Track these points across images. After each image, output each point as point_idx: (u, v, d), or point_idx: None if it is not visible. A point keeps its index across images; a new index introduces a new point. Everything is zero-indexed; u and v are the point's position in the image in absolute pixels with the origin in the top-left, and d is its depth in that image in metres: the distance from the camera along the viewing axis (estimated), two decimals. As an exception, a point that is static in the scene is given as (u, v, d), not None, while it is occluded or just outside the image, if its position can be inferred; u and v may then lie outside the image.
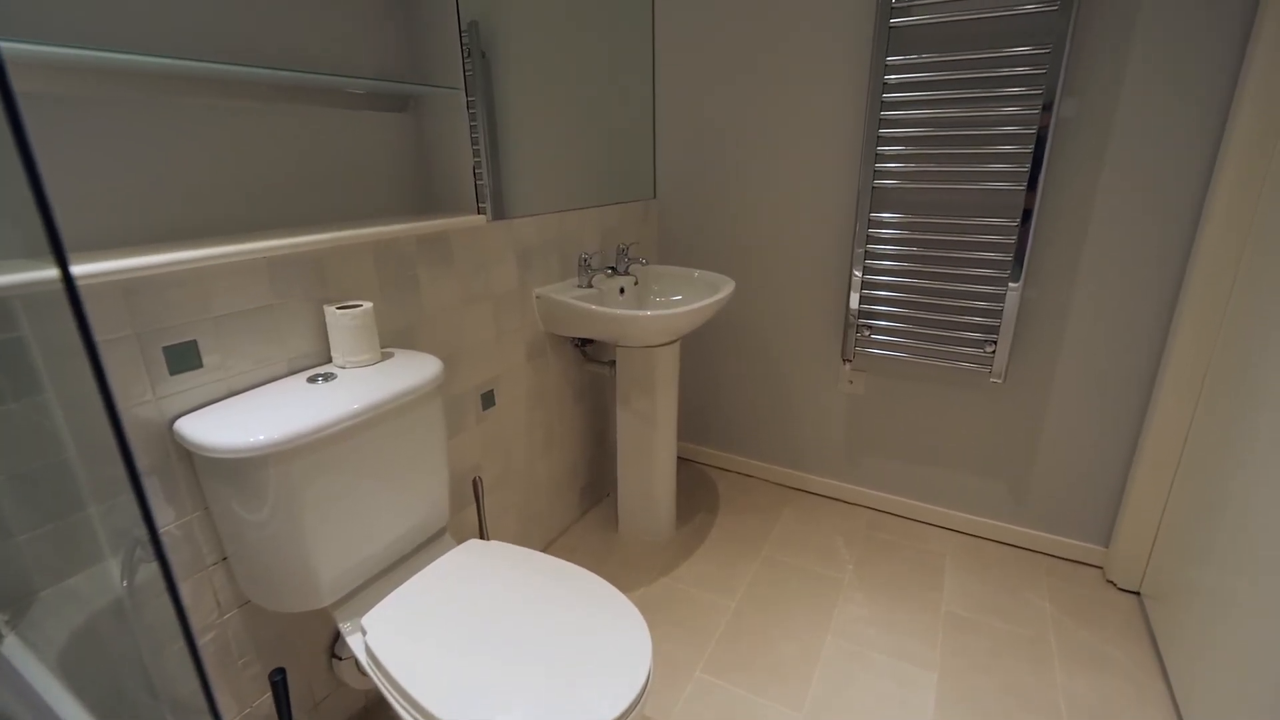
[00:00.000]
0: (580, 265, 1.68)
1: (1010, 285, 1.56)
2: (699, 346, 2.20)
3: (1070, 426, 1.68)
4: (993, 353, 1.65)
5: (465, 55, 1.25)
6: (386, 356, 1.13)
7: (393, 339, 1.24)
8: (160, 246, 0.89)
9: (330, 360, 1.11)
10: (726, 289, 1.61)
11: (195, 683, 0.55)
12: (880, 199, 1.73)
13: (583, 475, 1.98)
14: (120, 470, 0.47)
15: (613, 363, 1.79)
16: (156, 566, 0.86)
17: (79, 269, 0.75)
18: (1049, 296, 1.61)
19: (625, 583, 1.70)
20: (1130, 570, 1.63)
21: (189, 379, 0.91)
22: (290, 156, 1.09)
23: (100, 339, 0.81)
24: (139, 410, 0.86)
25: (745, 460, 2.24)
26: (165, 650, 0.93)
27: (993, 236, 1.59)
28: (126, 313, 0.83)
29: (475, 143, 1.32)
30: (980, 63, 1.51)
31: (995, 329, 1.64)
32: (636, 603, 1.63)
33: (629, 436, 1.77)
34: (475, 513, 1.53)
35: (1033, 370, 1.68)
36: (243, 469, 0.86)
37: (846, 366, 1.93)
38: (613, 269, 1.78)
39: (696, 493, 2.14)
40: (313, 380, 1.02)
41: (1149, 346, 1.54)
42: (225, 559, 0.99)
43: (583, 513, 2.02)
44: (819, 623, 1.55)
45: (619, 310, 1.48)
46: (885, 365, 1.88)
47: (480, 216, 1.33)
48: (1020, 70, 1.45)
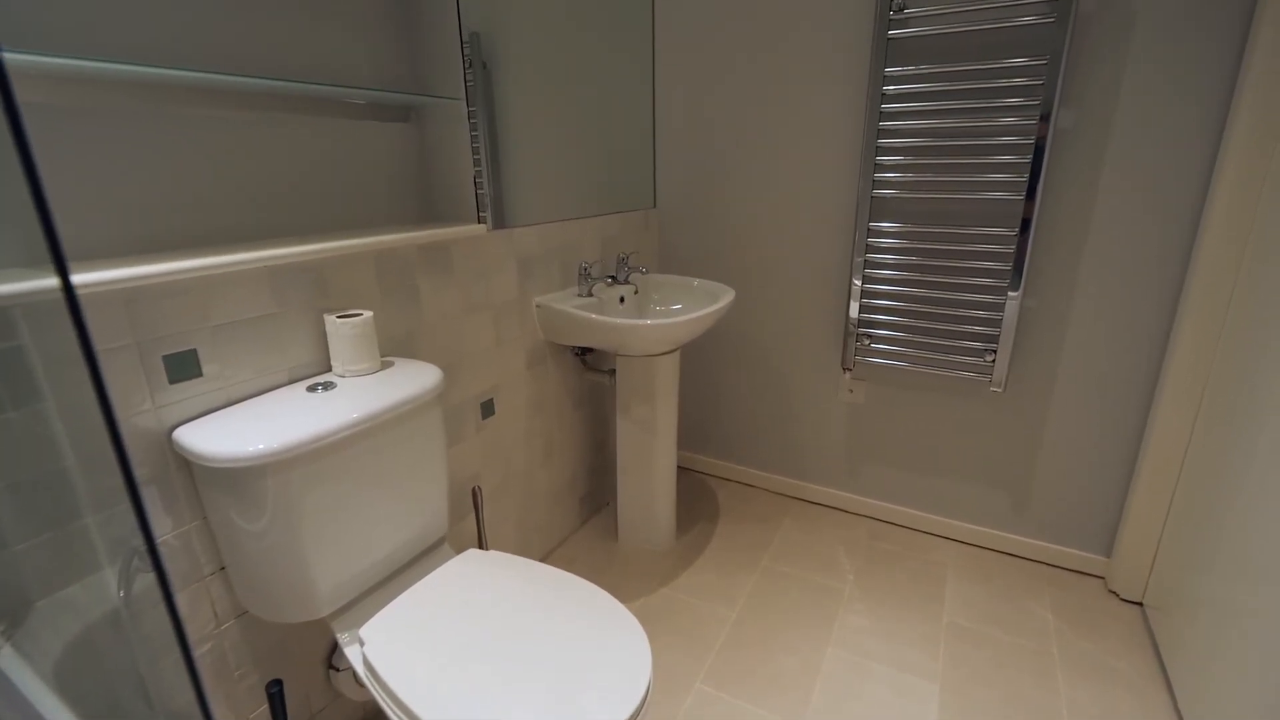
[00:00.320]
0: (580, 274, 1.69)
1: (1010, 294, 1.57)
2: (699, 355, 2.20)
3: (1071, 436, 1.68)
4: (993, 362, 1.65)
5: (467, 66, 1.26)
6: (386, 365, 1.13)
7: (393, 348, 1.24)
8: (161, 255, 0.89)
9: (330, 369, 1.11)
10: (726, 298, 1.61)
11: (191, 694, 0.54)
12: (879, 208, 1.73)
13: (582, 484, 1.98)
14: (118, 480, 0.47)
15: (613, 371, 1.79)
16: (153, 576, 0.86)
17: (79, 278, 0.75)
18: (1048, 305, 1.61)
19: (625, 593, 1.69)
20: (1132, 580, 1.62)
21: (188, 388, 0.91)
22: (292, 166, 1.10)
23: (100, 348, 0.81)
24: (138, 419, 0.86)
25: (745, 469, 2.24)
26: (162, 661, 0.92)
27: (992, 246, 1.60)
28: (126, 321, 0.83)
29: (476, 152, 1.32)
30: (978, 74, 1.52)
31: (995, 338, 1.64)
32: (636, 613, 1.62)
33: (629, 445, 1.76)
34: (474, 522, 1.53)
35: (1033, 379, 1.68)
36: (241, 478, 0.86)
37: (846, 375, 1.93)
38: (613, 278, 1.78)
39: (696, 502, 2.14)
40: (312, 389, 1.01)
41: (1149, 355, 1.54)
42: (223, 569, 0.99)
43: (582, 522, 2.01)
44: (820, 633, 1.54)
45: (619, 319, 1.49)
46: (885, 374, 1.88)
47: (481, 226, 1.33)
48: (1018, 81, 1.46)
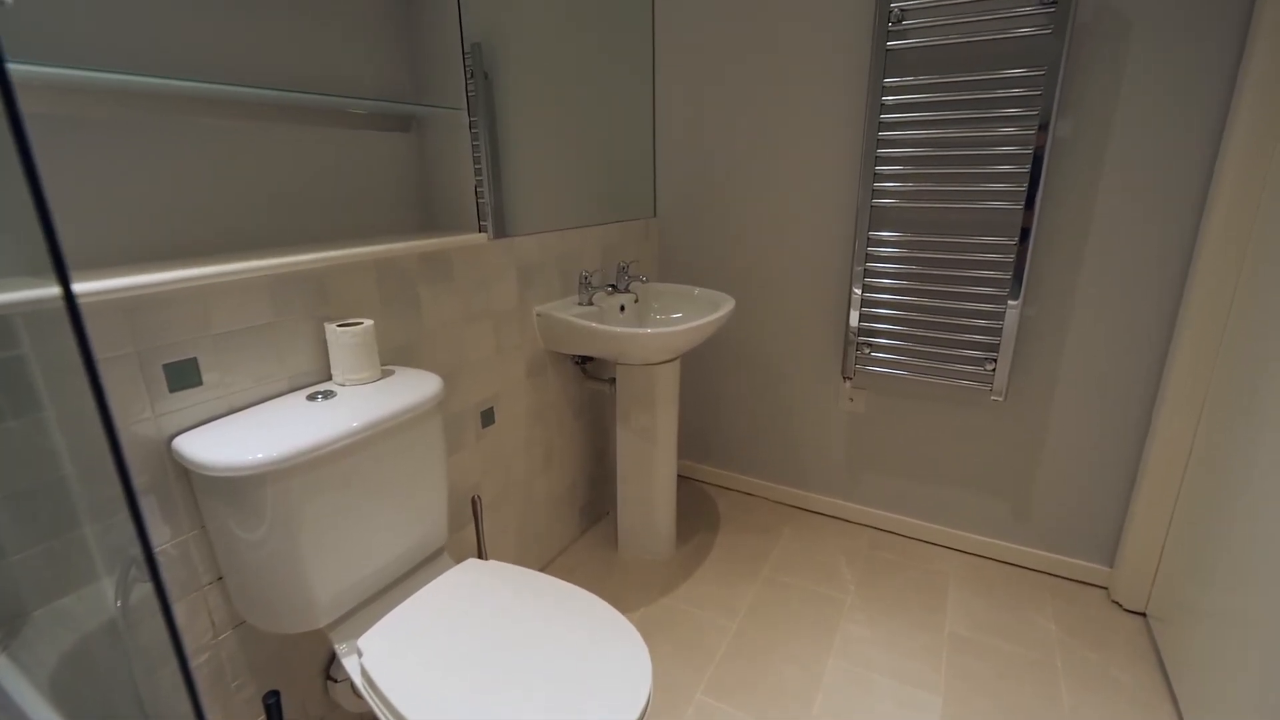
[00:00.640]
0: (581, 283, 1.69)
1: (1010, 303, 1.57)
2: (699, 364, 2.20)
3: (1072, 444, 1.68)
4: (993, 370, 1.65)
5: (468, 76, 1.27)
6: (387, 374, 1.13)
7: (393, 356, 1.24)
8: (162, 264, 0.90)
9: (330, 378, 1.11)
10: (726, 307, 1.61)
11: (188, 705, 0.54)
12: (879, 217, 1.74)
13: (582, 494, 1.97)
14: (117, 489, 0.46)
15: (613, 380, 1.79)
16: (151, 586, 0.85)
17: (80, 286, 0.75)
18: (1049, 314, 1.62)
19: (625, 603, 1.68)
20: (1135, 591, 1.62)
21: (188, 396, 0.91)
22: (294, 176, 1.10)
23: (100, 356, 0.81)
24: (137, 428, 0.86)
25: (746, 478, 2.23)
26: (158, 672, 0.92)
27: (991, 255, 1.60)
28: (127, 330, 0.83)
29: (477, 162, 1.33)
30: (976, 84, 1.53)
31: (995, 347, 1.64)
32: (636, 623, 1.61)
33: (629, 454, 1.76)
34: (474, 531, 1.52)
35: (1033, 388, 1.68)
36: (240, 487, 0.86)
37: (847, 384, 1.93)
38: (613, 286, 1.79)
39: (697, 511, 2.13)
40: (312, 398, 1.01)
41: (1150, 363, 1.54)
42: (221, 579, 0.98)
43: (582, 531, 2.01)
44: (821, 644, 1.53)
45: (619, 328, 1.49)
46: (886, 383, 1.88)
47: (481, 235, 1.34)
48: (1016, 91, 1.47)
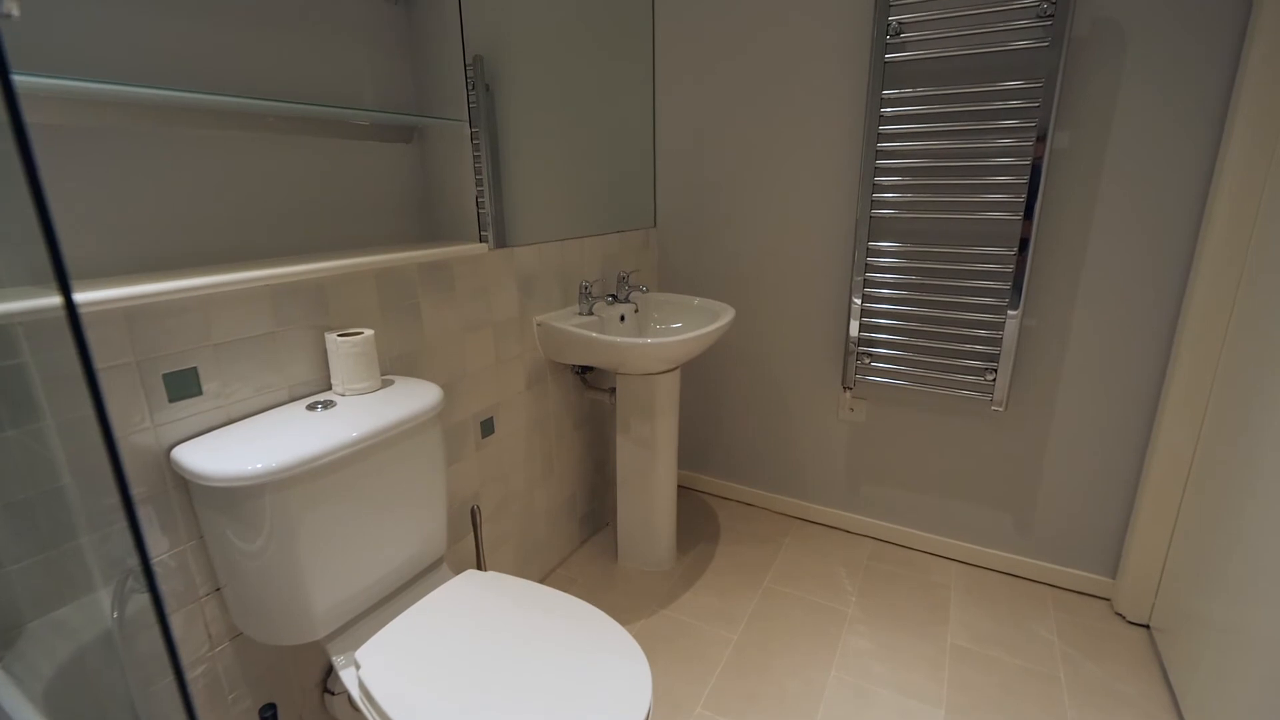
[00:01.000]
0: (581, 293, 1.69)
1: (1009, 313, 1.57)
2: (699, 374, 2.20)
3: (1073, 455, 1.67)
4: (993, 381, 1.64)
5: (470, 88, 1.27)
6: (387, 384, 1.13)
7: (393, 366, 1.24)
8: (164, 274, 0.90)
9: (330, 387, 1.10)
10: (726, 317, 1.61)
11: (184, 718, 0.53)
12: (878, 228, 1.74)
13: (582, 504, 1.96)
14: (115, 498, 0.46)
15: (613, 390, 1.79)
16: (148, 597, 0.85)
17: (81, 296, 0.75)
18: (1048, 324, 1.62)
19: (625, 614, 1.67)
20: (1139, 602, 1.61)
21: (188, 406, 0.91)
22: (296, 186, 1.11)
23: (100, 366, 0.81)
24: (136, 438, 0.85)
25: (746, 489, 2.22)
26: (154, 684, 0.91)
27: (991, 265, 1.60)
28: (128, 339, 0.83)
29: (478, 172, 1.33)
30: (975, 96, 1.54)
31: (995, 357, 1.64)
32: (636, 635, 1.60)
33: (629, 464, 1.75)
34: (473, 542, 1.51)
35: (1034, 398, 1.68)
36: (239, 498, 0.85)
37: (847, 394, 1.92)
38: (613, 296, 1.79)
39: (697, 522, 2.12)
40: (312, 408, 1.01)
41: (1150, 373, 1.54)
42: (218, 590, 0.97)
43: (582, 542, 2.00)
44: (823, 656, 1.52)
45: (619, 338, 1.49)
46: (886, 393, 1.88)
47: (482, 245, 1.34)
48: (1014, 103, 1.48)
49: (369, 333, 1.08)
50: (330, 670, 1.18)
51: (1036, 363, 1.65)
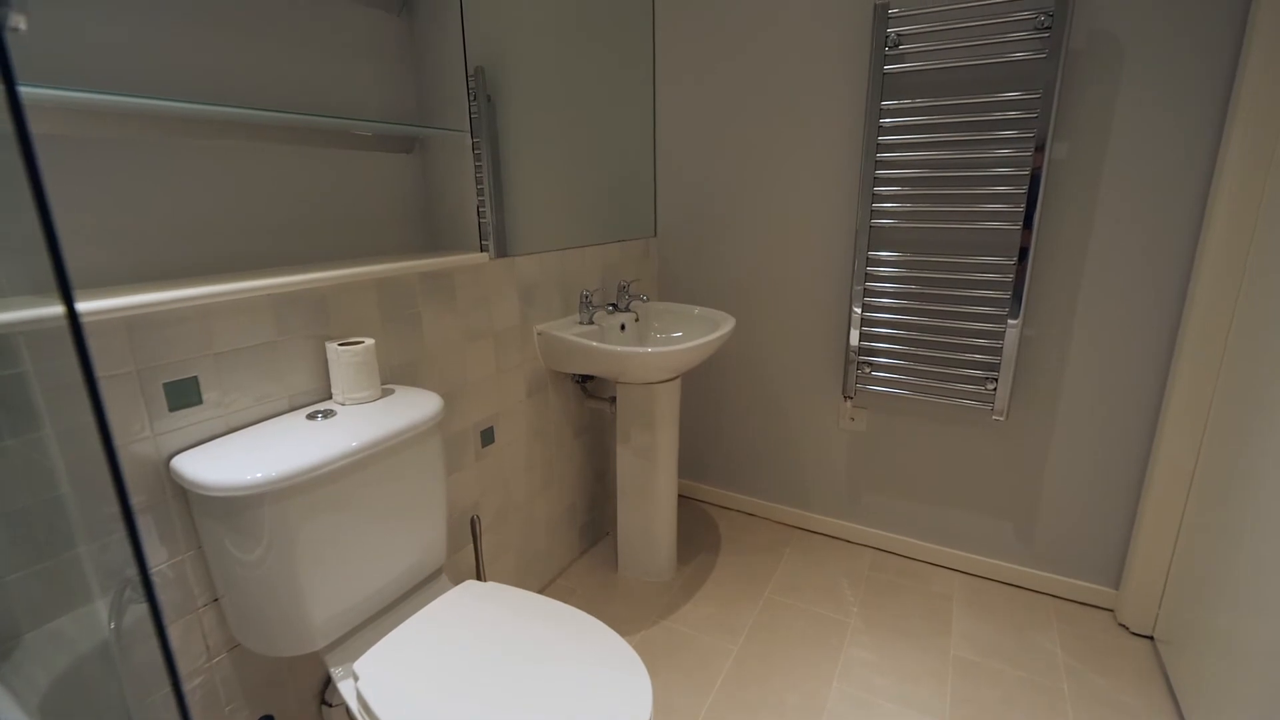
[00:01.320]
0: (581, 302, 1.69)
1: (1009, 322, 1.57)
2: (700, 383, 2.20)
3: (1075, 464, 1.67)
4: (994, 390, 1.64)
5: (471, 99, 1.28)
6: (387, 393, 1.13)
7: (394, 375, 1.24)
8: (166, 284, 0.90)
9: (330, 396, 1.10)
10: (726, 326, 1.62)
11: (180, 732, 0.53)
12: (878, 237, 1.75)
13: (582, 514, 1.95)
14: (114, 508, 0.46)
15: (613, 399, 1.79)
16: (145, 608, 0.84)
17: (83, 305, 0.76)
18: (1048, 333, 1.62)
19: (625, 625, 1.66)
20: (1142, 613, 1.59)
21: (188, 415, 0.91)
22: (299, 196, 1.11)
23: (101, 375, 0.81)
24: (136, 447, 0.85)
25: (747, 498, 2.22)
26: (151, 696, 0.90)
27: (990, 275, 1.61)
28: (128, 349, 0.83)
29: (479, 182, 1.34)
30: (973, 107, 1.55)
31: (996, 366, 1.64)
32: (636, 646, 1.58)
33: (629, 474, 1.75)
34: (473, 552, 1.51)
35: (1035, 407, 1.68)
36: (238, 507, 0.85)
37: (848, 403, 1.92)
38: (614, 306, 1.79)
39: (697, 532, 2.11)
40: (312, 417, 1.01)
41: (1151, 382, 1.53)
42: (216, 600, 0.97)
43: (582, 552, 1.99)
44: (824, 668, 1.51)
45: (619, 347, 1.49)
46: (886, 402, 1.87)
47: (483, 254, 1.34)
48: (1012, 114, 1.49)
49: (370, 342, 1.08)
50: (328, 682, 1.17)
51: (1037, 372, 1.65)
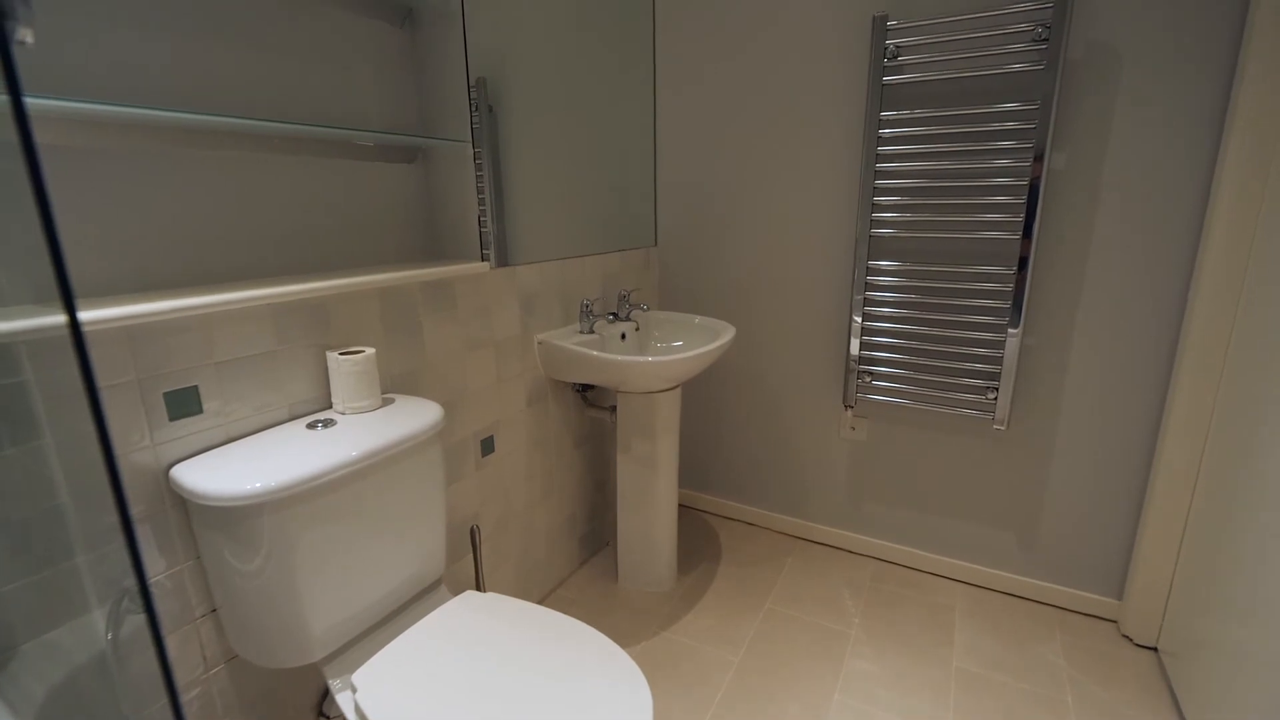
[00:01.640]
0: (582, 311, 1.70)
1: (1010, 332, 1.57)
2: (700, 392, 2.20)
3: (1077, 474, 1.66)
4: (994, 399, 1.64)
5: (473, 110, 1.29)
6: (387, 402, 1.13)
7: (395, 384, 1.24)
8: (167, 293, 0.90)
9: (331, 406, 1.10)
10: (727, 335, 1.62)
11: (177, 744, 0.52)
12: (878, 247, 1.75)
13: (582, 524, 1.95)
14: (113, 518, 0.46)
15: (613, 408, 1.79)
16: (143, 618, 0.84)
17: (84, 314, 0.76)
18: (1049, 343, 1.62)
19: (625, 636, 1.65)
20: (1146, 624, 1.58)
21: (188, 425, 0.91)
22: (301, 206, 1.12)
23: (102, 384, 0.81)
24: (136, 456, 0.85)
25: (747, 508, 2.21)
26: (148, 708, 0.89)
27: (990, 284, 1.61)
28: (129, 358, 0.83)
29: (480, 192, 1.35)
30: (972, 118, 1.56)
31: (996, 375, 1.64)
32: (636, 657, 1.57)
33: (629, 484, 1.74)
34: (472, 562, 1.50)
35: (1036, 417, 1.68)
36: (237, 517, 0.85)
37: (848, 413, 1.92)
38: (614, 315, 1.80)
39: (698, 542, 2.10)
40: (312, 426, 1.01)
41: (1152, 390, 1.53)
42: (214, 611, 0.96)
43: (582, 562, 1.98)
44: (826, 680, 1.49)
45: (620, 356, 1.49)
46: (887, 411, 1.87)
47: (484, 264, 1.35)
48: (1010, 124, 1.50)
49: (370, 351, 1.08)
50: (326, 694, 1.16)
51: (1038, 381, 1.65)
